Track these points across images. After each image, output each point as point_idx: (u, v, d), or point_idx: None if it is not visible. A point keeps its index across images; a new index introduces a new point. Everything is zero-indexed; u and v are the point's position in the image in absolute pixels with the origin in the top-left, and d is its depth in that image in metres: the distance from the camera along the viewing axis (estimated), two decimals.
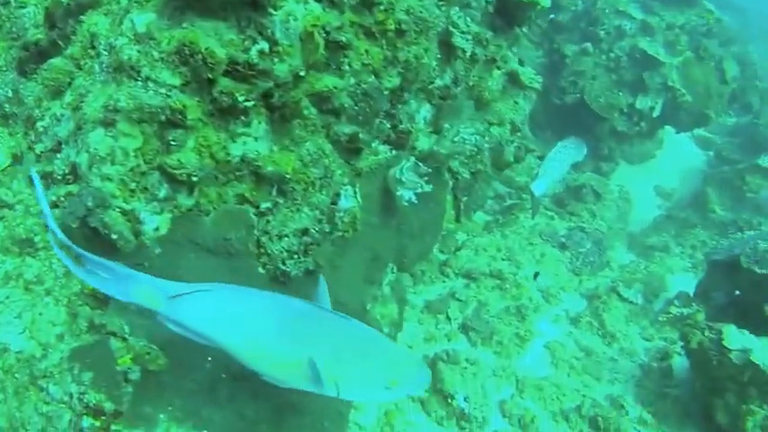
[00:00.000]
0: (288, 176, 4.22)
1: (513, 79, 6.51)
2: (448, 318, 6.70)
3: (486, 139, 6.23)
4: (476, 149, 6.01)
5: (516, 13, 5.98)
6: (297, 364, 3.30)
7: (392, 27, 4.53)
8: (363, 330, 3.69)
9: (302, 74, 3.97)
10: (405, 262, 5.81)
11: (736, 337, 5.79)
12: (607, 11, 10.17)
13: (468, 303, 6.83)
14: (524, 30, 6.35)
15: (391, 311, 5.53)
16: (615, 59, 9.98)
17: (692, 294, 7.66)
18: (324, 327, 3.45)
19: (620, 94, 9.97)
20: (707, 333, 5.93)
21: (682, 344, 6.26)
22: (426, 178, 5.09)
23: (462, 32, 5.14)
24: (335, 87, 4.31)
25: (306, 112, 4.17)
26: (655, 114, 9.95)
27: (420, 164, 5.09)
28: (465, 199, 6.39)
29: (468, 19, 5.32)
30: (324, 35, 4.09)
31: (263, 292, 3.57)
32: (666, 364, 6.75)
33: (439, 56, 5.18)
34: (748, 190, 9.78)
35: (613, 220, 9.98)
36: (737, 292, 7.00)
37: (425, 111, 5.29)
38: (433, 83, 5.20)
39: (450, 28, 5.05)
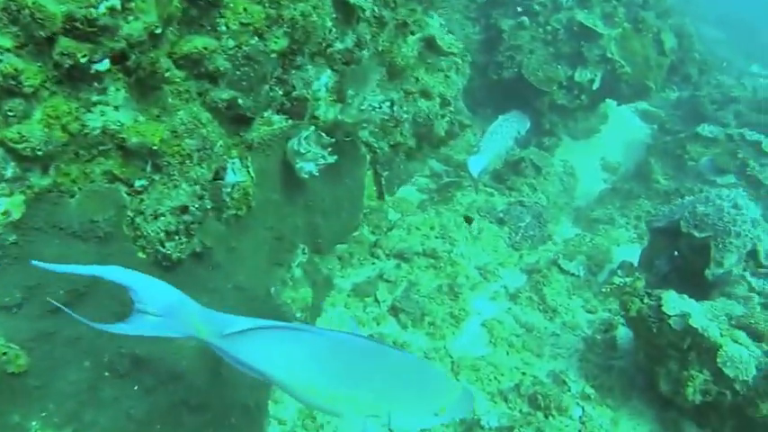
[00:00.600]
0: (156, 148, 3.56)
1: (429, 45, 5.82)
2: (376, 300, 6.05)
3: (405, 109, 5.60)
4: (392, 119, 5.37)
5: None
6: (351, 400, 3.20)
7: None
8: (411, 361, 3.55)
9: (158, 32, 3.29)
10: (320, 242, 5.18)
11: (675, 303, 5.27)
12: None
13: (397, 284, 6.20)
14: None
15: (304, 295, 4.89)
16: (552, 32, 9.40)
17: (635, 264, 7.16)
18: (372, 360, 3.26)
19: (559, 67, 9.39)
20: (646, 300, 5.39)
21: (622, 313, 5.68)
22: (330, 150, 4.45)
23: None
24: (206, 49, 3.66)
25: (168, 74, 3.48)
26: (594, 87, 9.38)
27: (322, 134, 4.45)
28: (386, 174, 5.77)
29: None
30: None
31: (314, 329, 3.55)
32: (611, 335, 6.22)
33: (336, 16, 4.51)
34: (689, 158, 9.23)
35: (557, 194, 9.42)
36: (676, 253, 6.62)
37: (326, 77, 4.64)
38: (331, 46, 4.54)
39: None
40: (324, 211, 5.07)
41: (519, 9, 9.69)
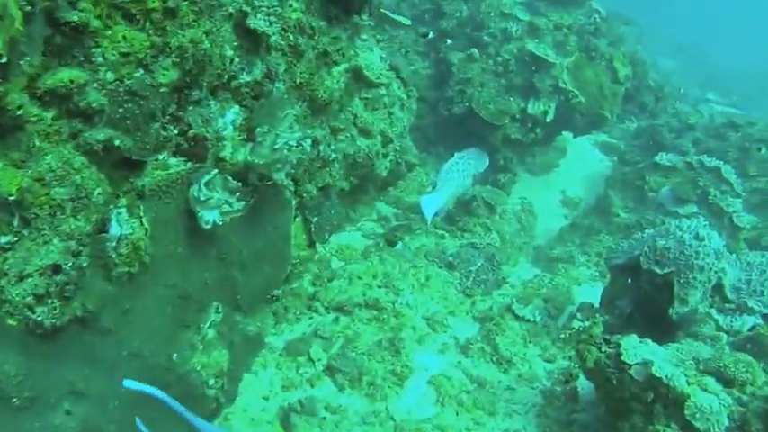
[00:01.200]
0: (14, 199, 2.98)
1: (357, 76, 5.31)
2: (310, 359, 5.43)
3: (333, 148, 5.06)
4: (318, 159, 4.84)
5: None
6: None
7: (156, 6, 3.34)
8: None
9: (3, 60, 2.72)
10: (239, 299, 4.58)
11: (635, 350, 4.74)
12: (492, 14, 9.13)
13: (333, 340, 5.59)
14: (364, 18, 5.15)
15: (218, 359, 4.30)
16: (503, 64, 8.95)
17: (597, 304, 6.65)
18: None
19: (511, 99, 8.91)
20: (604, 348, 4.85)
21: (579, 365, 5.14)
22: (240, 195, 3.89)
23: (266, 15, 3.95)
24: (73, 82, 3.10)
25: (22, 112, 2.91)
26: (548, 119, 8.91)
27: (229, 178, 3.89)
28: (315, 220, 5.20)
29: (278, 1, 4.14)
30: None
31: None
32: (571, 386, 5.69)
33: (239, 44, 3.98)
34: (649, 189, 8.78)
35: (515, 234, 8.91)
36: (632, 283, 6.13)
37: (233, 113, 4.09)
38: (236, 78, 4.00)
39: (245, 8, 3.84)
40: (242, 263, 4.50)
41: (448, 41, 9.25)
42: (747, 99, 18.54)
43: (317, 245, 5.37)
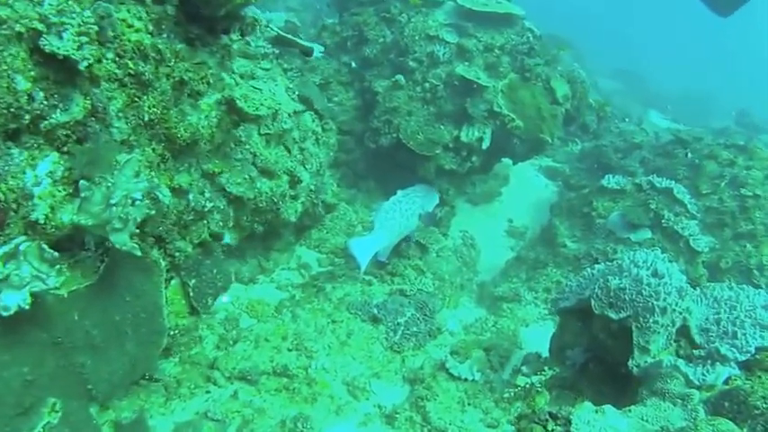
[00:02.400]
0: None
1: (231, 109, 4.28)
2: None
3: (208, 196, 4.03)
4: (189, 211, 3.80)
5: (213, 14, 3.77)
6: None
7: None
8: None
9: None
10: (91, 389, 3.50)
11: (590, 425, 3.70)
12: (417, 38, 8.17)
13: (227, 422, 4.51)
14: (235, 37, 4.14)
15: None
16: (431, 90, 7.97)
17: (546, 353, 5.63)
18: None
19: (442, 127, 7.95)
20: (551, 427, 3.82)
21: None
22: (59, 267, 2.83)
23: (75, 34, 2.90)
24: None
25: None
26: (484, 146, 7.96)
27: (45, 247, 2.83)
28: (194, 282, 4.15)
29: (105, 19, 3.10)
30: None
31: None
32: None
33: (40, 74, 2.92)
34: (597, 215, 7.81)
35: (455, 272, 7.92)
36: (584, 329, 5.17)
37: (50, 163, 3.02)
38: (45, 118, 2.95)
39: (37, 25, 2.79)
40: (92, 346, 3.44)
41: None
42: (686, 116, 17.97)
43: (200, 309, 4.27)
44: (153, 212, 3.38)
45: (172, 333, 4.26)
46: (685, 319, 4.87)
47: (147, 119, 3.52)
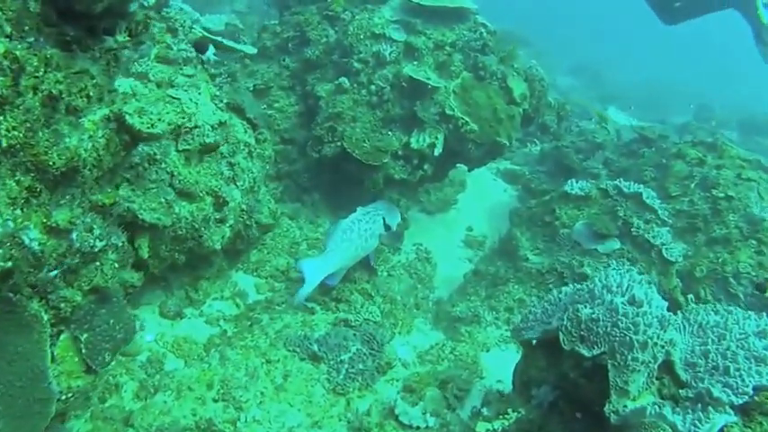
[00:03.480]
0: None
1: (120, 126, 3.54)
2: None
3: (98, 233, 3.27)
4: (73, 253, 3.04)
5: (89, 9, 3.02)
6: None
7: None
8: None
9: None
10: None
11: None
12: (362, 36, 7.46)
13: None
14: (121, 39, 3.38)
15: None
16: (378, 92, 7.26)
17: (509, 382, 4.89)
18: None
19: (390, 133, 7.24)
20: None
21: None
22: None
23: None
24: None
25: None
26: (437, 152, 7.28)
27: None
28: (86, 336, 3.40)
29: None
30: None
31: None
32: None
33: None
34: (561, 225, 7.16)
35: (407, 292, 7.25)
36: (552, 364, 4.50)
37: None
38: None
39: None
40: None
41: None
42: (644, 110, 17.52)
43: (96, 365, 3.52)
44: (17, 257, 2.64)
45: (64, 397, 3.51)
46: (668, 353, 4.23)
47: (5, 144, 2.75)
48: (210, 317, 5.77)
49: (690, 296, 7.02)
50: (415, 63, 7.42)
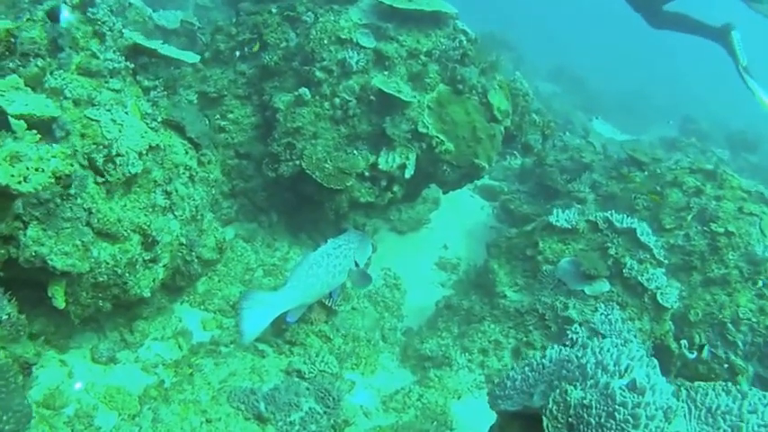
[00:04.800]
0: None
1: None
2: None
3: None
4: None
5: None
6: None
7: None
8: None
9: None
10: None
11: None
12: (326, 41, 6.61)
13: None
14: None
15: None
16: (342, 106, 6.41)
17: None
18: None
19: (356, 152, 6.41)
20: None
21: None
22: None
23: None
24: None
25: None
26: (407, 174, 6.46)
27: None
28: None
29: None
30: None
31: None
32: None
33: None
34: (544, 260, 6.35)
35: (372, 326, 6.48)
36: None
37: None
38: None
39: None
40: None
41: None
42: (627, 120, 16.85)
43: None
44: None
45: None
46: None
47: None
48: (147, 363, 5.00)
49: (683, 342, 6.25)
50: (386, 73, 6.59)
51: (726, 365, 6.30)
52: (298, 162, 6.36)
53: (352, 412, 5.02)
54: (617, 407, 3.37)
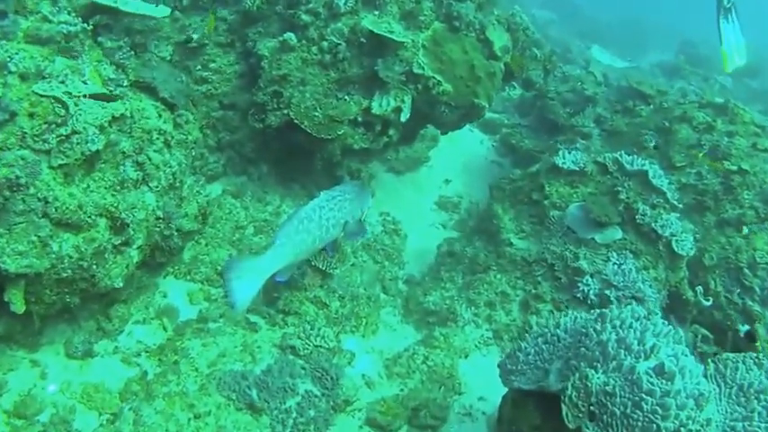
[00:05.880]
0: None
1: None
2: None
3: None
4: None
5: None
6: None
7: None
8: None
9: None
10: None
11: None
12: None
13: None
14: None
15: None
16: (331, 50, 5.81)
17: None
18: None
19: (347, 98, 5.83)
20: None
21: None
22: None
23: None
24: None
25: None
26: (403, 118, 5.92)
27: None
28: None
29: None
30: None
31: None
32: None
33: None
34: (551, 205, 5.83)
35: (372, 279, 6.07)
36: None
37: None
38: None
39: None
40: None
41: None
42: (626, 46, 16.07)
43: None
44: None
45: None
46: None
47: None
48: (128, 352, 4.53)
49: (698, 288, 5.78)
50: (376, 13, 5.99)
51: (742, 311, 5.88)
52: (285, 111, 5.80)
53: (353, 387, 4.60)
54: (644, 395, 2.93)
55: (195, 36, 5.94)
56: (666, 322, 3.35)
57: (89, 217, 3.65)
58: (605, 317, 3.51)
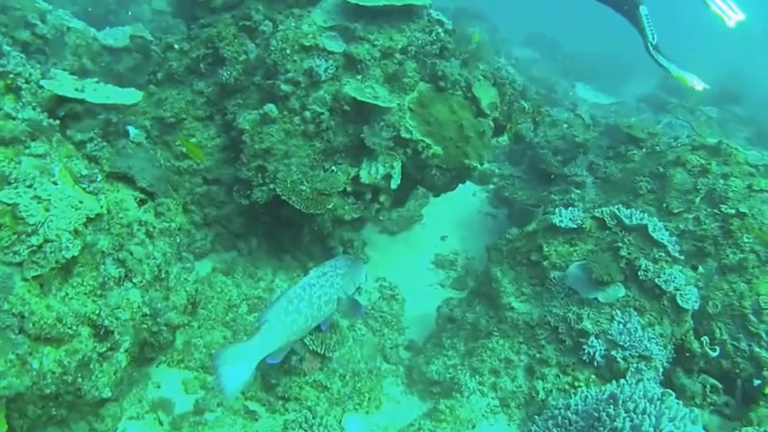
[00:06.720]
0: None
1: None
2: None
3: None
4: None
5: None
6: None
7: None
8: None
9: None
10: None
11: None
12: (288, 51, 5.74)
13: None
14: None
15: None
16: (314, 119, 5.58)
17: None
18: None
19: (335, 168, 5.58)
20: None
21: None
22: None
23: None
24: None
25: None
26: (394, 185, 5.65)
27: None
28: None
29: None
30: None
31: None
32: None
33: None
34: (551, 265, 5.54)
35: (371, 352, 5.77)
36: None
37: None
38: None
39: None
40: None
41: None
42: (607, 81, 15.92)
43: None
44: None
45: None
46: None
47: None
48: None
49: (704, 338, 5.49)
50: (359, 78, 5.75)
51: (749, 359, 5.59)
52: (272, 186, 5.53)
53: None
54: None
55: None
56: (680, 401, 3.06)
57: (70, 328, 3.35)
58: (617, 399, 3.23)
